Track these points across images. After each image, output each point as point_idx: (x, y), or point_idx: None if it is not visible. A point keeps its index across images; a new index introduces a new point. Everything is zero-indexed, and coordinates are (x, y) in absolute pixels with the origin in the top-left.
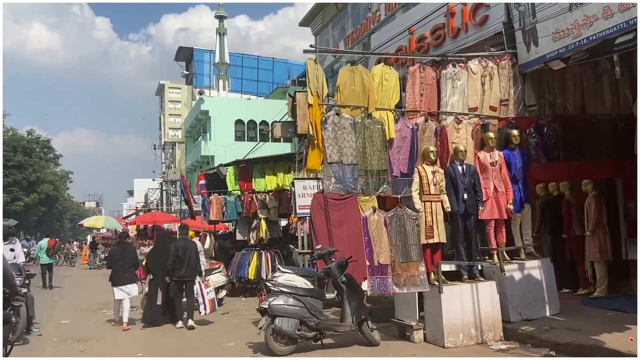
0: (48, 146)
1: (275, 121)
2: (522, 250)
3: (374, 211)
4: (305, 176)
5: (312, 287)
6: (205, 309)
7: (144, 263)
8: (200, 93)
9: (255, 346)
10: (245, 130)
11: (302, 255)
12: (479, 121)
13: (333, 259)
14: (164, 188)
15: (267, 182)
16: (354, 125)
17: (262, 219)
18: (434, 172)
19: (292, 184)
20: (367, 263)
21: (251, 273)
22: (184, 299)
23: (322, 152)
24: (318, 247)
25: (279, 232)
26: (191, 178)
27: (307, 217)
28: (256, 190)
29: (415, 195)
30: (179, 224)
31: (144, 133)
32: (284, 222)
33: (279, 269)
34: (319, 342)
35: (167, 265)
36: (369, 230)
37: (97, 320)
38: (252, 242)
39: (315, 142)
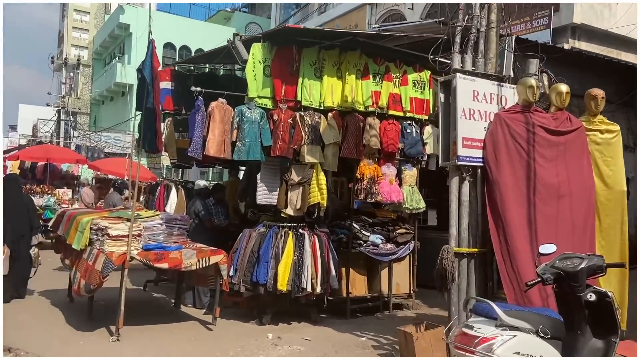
0: None
1: None
2: None
3: None
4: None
5: None
6: None
7: None
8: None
9: None
10: (177, 57)
11: (459, 257)
12: None
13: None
14: (62, 117)
15: (325, 90)
16: None
17: (317, 166)
18: None
19: (445, 84)
20: None
21: (283, 278)
22: None
23: None
24: (549, 250)
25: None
26: (97, 112)
27: (476, 168)
28: (304, 103)
29: None
30: (84, 165)
31: (34, 64)
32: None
33: (501, 319)
34: None
35: None
36: None
37: None
38: (289, 212)
39: None
